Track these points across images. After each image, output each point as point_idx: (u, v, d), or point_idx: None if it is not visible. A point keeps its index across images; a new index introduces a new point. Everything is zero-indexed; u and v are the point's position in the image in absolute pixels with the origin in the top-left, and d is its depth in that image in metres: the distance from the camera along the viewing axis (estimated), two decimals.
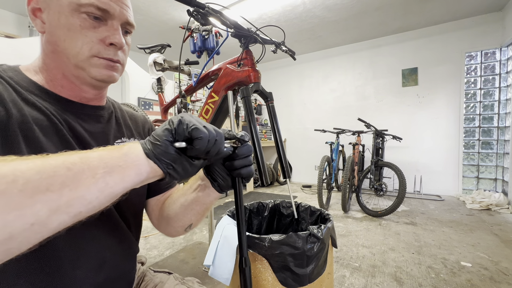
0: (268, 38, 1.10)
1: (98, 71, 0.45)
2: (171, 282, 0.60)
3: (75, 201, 0.26)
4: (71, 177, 0.26)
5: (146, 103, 3.58)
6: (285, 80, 5.18)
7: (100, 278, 0.46)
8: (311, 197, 3.68)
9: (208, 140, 0.35)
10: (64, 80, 0.46)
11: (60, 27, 0.42)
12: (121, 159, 0.31)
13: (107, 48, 0.45)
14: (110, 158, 0.30)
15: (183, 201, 0.53)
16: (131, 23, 0.48)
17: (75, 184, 0.26)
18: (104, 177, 0.28)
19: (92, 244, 0.45)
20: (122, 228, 0.51)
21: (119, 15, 0.45)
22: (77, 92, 0.47)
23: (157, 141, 0.34)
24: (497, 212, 2.82)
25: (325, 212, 0.83)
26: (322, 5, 3.15)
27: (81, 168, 0.27)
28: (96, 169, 0.28)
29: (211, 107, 1.21)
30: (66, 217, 0.26)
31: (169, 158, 0.34)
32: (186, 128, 0.34)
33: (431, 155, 3.78)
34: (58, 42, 0.42)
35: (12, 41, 2.43)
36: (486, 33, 3.39)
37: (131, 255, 0.54)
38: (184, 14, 3.28)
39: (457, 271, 1.56)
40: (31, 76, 0.45)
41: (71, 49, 0.42)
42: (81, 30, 0.42)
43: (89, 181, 0.27)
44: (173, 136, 0.34)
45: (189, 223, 0.55)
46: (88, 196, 0.27)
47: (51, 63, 0.45)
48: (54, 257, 0.40)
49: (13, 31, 3.10)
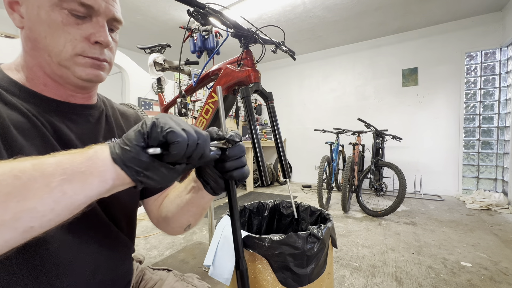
0: (268, 38, 1.10)
1: (84, 71, 0.41)
2: (171, 278, 0.60)
3: (23, 214, 0.22)
4: (19, 187, 0.22)
5: (146, 103, 3.58)
6: (285, 80, 5.18)
7: (95, 281, 0.45)
8: (311, 197, 3.68)
9: (188, 144, 0.30)
10: (46, 79, 0.42)
11: (40, 23, 0.38)
12: (83, 164, 0.27)
13: (92, 46, 0.41)
14: (70, 163, 0.26)
15: (179, 202, 0.51)
16: (118, 19, 0.44)
17: (24, 194, 0.23)
18: (62, 185, 0.24)
19: (83, 249, 0.43)
20: (113, 230, 0.49)
21: (104, 11, 0.41)
22: (62, 91, 0.44)
23: (126, 145, 0.29)
24: (497, 212, 2.82)
25: (325, 212, 0.83)
26: (322, 5, 3.15)
27: (32, 176, 0.23)
28: (51, 177, 0.24)
29: (211, 107, 1.21)
30: (13, 234, 0.22)
31: (140, 165, 0.29)
32: (161, 132, 0.29)
33: (431, 155, 3.78)
34: (39, 38, 0.39)
35: (12, 41, 2.43)
36: (486, 33, 3.39)
37: (126, 256, 0.54)
38: (184, 14, 3.28)
39: (457, 271, 1.56)
40: (12, 75, 0.42)
41: (53, 47, 0.39)
42: (63, 27, 0.38)
43: (41, 191, 0.23)
44: (145, 141, 0.30)
45: (187, 223, 0.54)
46: (40, 208, 0.23)
47: (31, 60, 0.41)
48: (47, 263, 0.39)
49: (13, 31, 3.09)
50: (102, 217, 0.47)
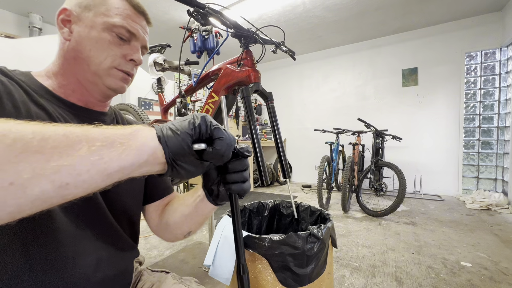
0: (268, 38, 1.10)
1: (114, 81, 0.50)
2: (168, 281, 0.60)
3: (62, 168, 0.24)
4: (65, 143, 0.25)
5: (146, 103, 3.58)
6: (285, 80, 5.18)
7: (97, 276, 0.47)
8: (311, 197, 3.68)
9: (226, 143, 0.34)
10: (76, 85, 0.49)
11: (88, 39, 0.47)
12: (124, 137, 0.29)
13: (127, 62, 0.51)
14: (112, 134, 0.29)
15: (183, 210, 0.54)
16: (147, 48, 0.56)
17: (68, 150, 0.25)
18: (100, 150, 0.26)
19: (87, 243, 0.46)
20: (117, 229, 0.52)
21: (141, 39, 0.53)
22: (86, 97, 0.51)
23: (177, 129, 0.32)
24: (497, 212, 2.82)
25: (325, 212, 0.83)
26: (322, 5, 3.15)
27: (78, 138, 0.26)
28: (94, 141, 0.26)
29: (211, 107, 1.21)
30: (50, 186, 0.24)
31: (180, 152, 0.32)
32: (209, 126, 0.33)
33: (431, 155, 3.78)
34: (83, 50, 0.47)
35: (12, 41, 2.43)
36: (486, 33, 3.40)
37: (128, 256, 0.55)
38: (184, 14, 3.28)
39: (457, 271, 1.56)
40: (42, 81, 0.48)
41: (95, 58, 0.47)
42: (109, 45, 0.48)
43: (82, 151, 0.25)
44: (194, 131, 0.33)
45: (188, 230, 0.56)
46: (78, 167, 0.25)
47: (68, 67, 0.49)
48: (57, 253, 0.42)
49: (13, 31, 3.10)
50: (107, 215, 0.50)
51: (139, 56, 0.53)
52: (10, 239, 0.38)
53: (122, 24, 0.48)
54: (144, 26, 0.53)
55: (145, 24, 0.54)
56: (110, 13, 0.48)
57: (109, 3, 0.48)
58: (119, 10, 0.48)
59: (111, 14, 0.48)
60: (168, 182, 0.65)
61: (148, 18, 0.54)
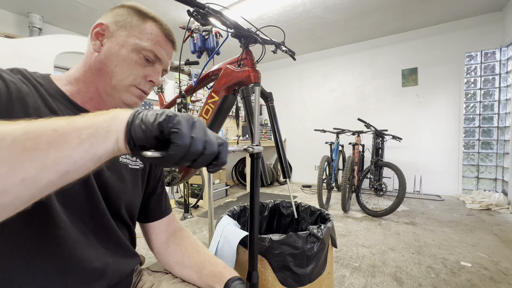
0: (268, 38, 1.10)
1: (130, 98, 0.54)
2: (168, 280, 0.61)
3: (61, 159, 0.27)
4: (57, 137, 0.27)
5: (146, 103, 3.58)
6: (285, 80, 5.18)
7: (102, 283, 0.49)
8: (311, 197, 3.68)
9: (188, 151, 0.30)
10: (95, 94, 0.52)
11: (117, 56, 0.50)
12: (106, 122, 0.31)
13: (146, 83, 0.54)
14: (95, 121, 0.30)
15: (190, 276, 0.59)
16: (167, 70, 0.60)
17: (61, 143, 0.27)
18: (89, 138, 0.29)
19: (92, 250, 0.48)
20: (119, 237, 0.54)
21: (165, 64, 0.57)
22: (101, 106, 0.54)
23: (142, 122, 0.31)
24: (497, 212, 2.82)
25: (325, 212, 0.83)
26: (322, 5, 3.15)
27: (67, 130, 0.28)
28: (81, 130, 0.29)
29: (211, 107, 1.21)
30: (55, 175, 0.27)
31: (141, 141, 0.31)
32: (170, 128, 0.30)
33: (431, 155, 3.78)
34: (109, 65, 0.50)
35: (12, 41, 2.42)
36: (486, 33, 3.39)
37: (131, 263, 0.57)
38: (184, 14, 3.28)
39: (457, 271, 1.56)
40: (60, 85, 0.50)
41: (119, 74, 0.51)
42: (134, 64, 0.51)
43: (74, 142, 0.28)
44: (153, 128, 0.30)
45: None
46: (74, 156, 0.28)
47: (91, 76, 0.51)
48: (67, 257, 0.43)
49: (13, 31, 3.10)
50: (111, 222, 0.52)
51: (159, 78, 0.56)
52: (15, 245, 0.39)
53: (151, 48, 0.52)
54: (170, 52, 0.57)
55: (171, 51, 0.58)
56: (142, 36, 0.51)
57: (143, 27, 0.52)
58: (151, 36, 0.52)
59: (143, 37, 0.51)
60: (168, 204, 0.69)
61: (175, 46, 0.59)
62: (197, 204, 3.08)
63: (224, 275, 0.53)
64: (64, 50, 2.39)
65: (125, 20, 0.51)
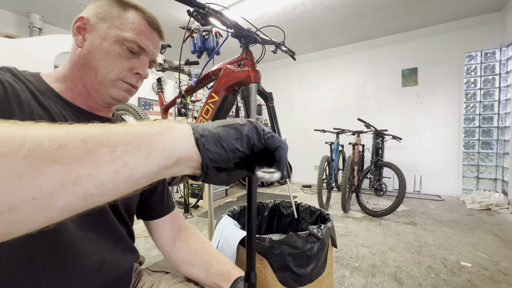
0: (268, 38, 1.10)
1: (118, 92, 0.52)
2: (167, 280, 0.61)
3: (84, 179, 0.21)
4: (84, 151, 0.22)
5: (146, 103, 3.58)
6: (285, 80, 5.18)
7: (99, 278, 0.48)
8: (311, 197, 3.68)
9: (286, 150, 0.29)
10: (83, 90, 0.51)
11: (99, 49, 0.48)
12: (150, 137, 0.25)
13: (133, 75, 0.53)
14: (136, 134, 0.24)
15: (197, 274, 0.58)
16: (156, 61, 0.57)
17: (88, 158, 0.22)
18: (124, 156, 0.23)
19: (91, 245, 0.47)
20: (120, 232, 0.54)
21: (151, 54, 0.54)
22: (90, 103, 0.53)
23: (220, 139, 0.27)
24: (497, 212, 2.82)
25: (325, 212, 0.83)
26: (322, 5, 3.15)
27: (98, 142, 0.22)
28: (116, 145, 0.23)
29: (211, 107, 1.21)
30: (73, 198, 0.21)
31: (224, 166, 0.27)
32: (263, 136, 0.28)
33: (431, 155, 3.78)
34: (92, 59, 0.48)
35: (12, 41, 2.43)
36: (486, 33, 3.39)
37: (129, 259, 0.57)
38: (184, 14, 3.28)
39: (457, 271, 1.56)
40: (50, 82, 0.49)
41: (103, 69, 0.49)
42: (118, 57, 0.49)
43: (103, 159, 0.22)
44: (243, 144, 0.28)
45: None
46: (100, 176, 0.22)
47: (77, 73, 0.50)
48: (64, 251, 0.43)
49: (13, 31, 3.10)
50: (111, 217, 0.52)
51: (146, 70, 0.54)
52: (13, 239, 0.39)
53: (134, 39, 0.49)
54: (156, 42, 0.54)
55: (157, 40, 0.55)
56: (124, 27, 0.49)
57: (125, 17, 0.49)
58: (133, 25, 0.50)
59: (125, 28, 0.49)
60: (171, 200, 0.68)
61: (161, 34, 0.55)
62: (197, 204, 3.08)
63: (232, 274, 0.53)
64: (64, 50, 2.39)
65: (105, 12, 0.49)
